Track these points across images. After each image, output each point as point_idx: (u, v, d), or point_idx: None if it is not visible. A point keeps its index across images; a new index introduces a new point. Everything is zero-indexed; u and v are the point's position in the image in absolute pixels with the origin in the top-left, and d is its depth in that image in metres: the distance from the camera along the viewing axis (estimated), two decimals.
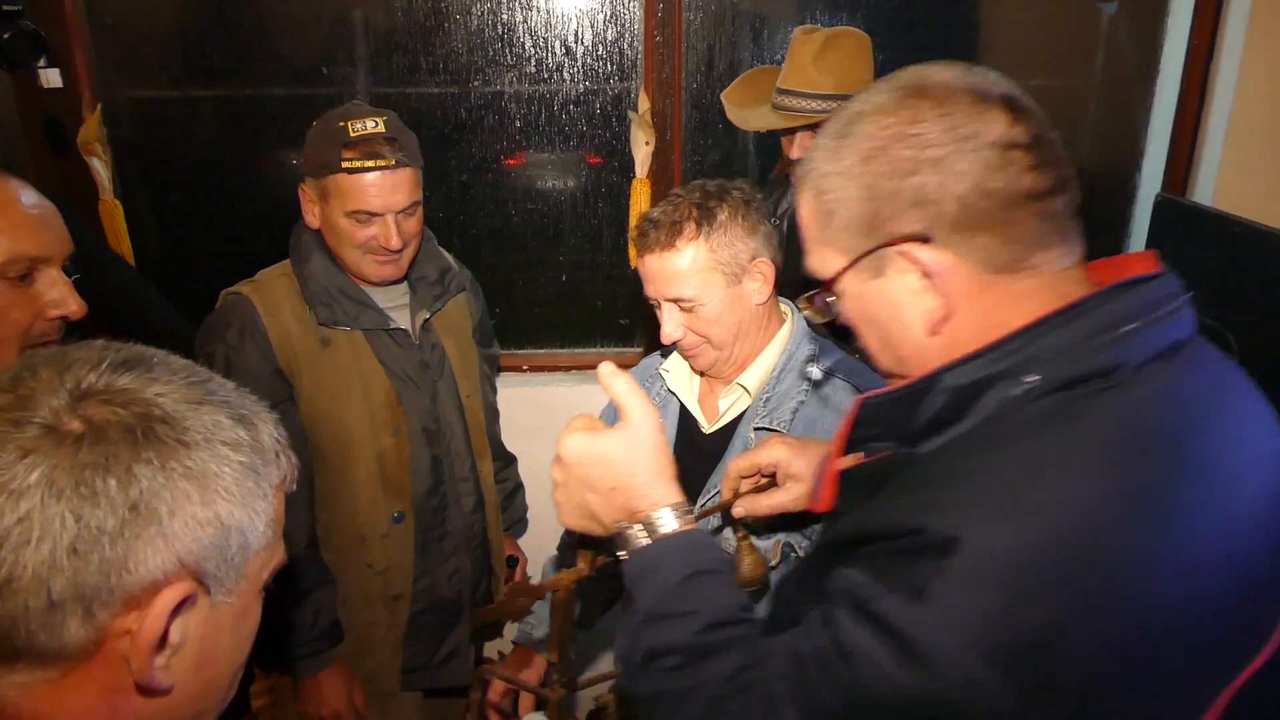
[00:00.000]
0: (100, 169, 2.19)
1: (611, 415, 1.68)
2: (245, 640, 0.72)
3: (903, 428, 0.85)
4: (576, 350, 2.57)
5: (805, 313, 0.94)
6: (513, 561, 2.10)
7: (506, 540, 2.09)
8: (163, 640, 0.63)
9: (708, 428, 1.58)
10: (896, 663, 0.70)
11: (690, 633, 0.86)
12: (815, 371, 1.52)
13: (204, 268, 2.00)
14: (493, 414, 2.12)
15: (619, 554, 0.94)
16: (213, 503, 0.64)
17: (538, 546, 2.30)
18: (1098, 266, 0.85)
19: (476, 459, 1.90)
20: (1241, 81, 2.21)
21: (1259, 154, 2.27)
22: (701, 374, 1.58)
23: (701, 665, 0.85)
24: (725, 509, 1.31)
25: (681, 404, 1.61)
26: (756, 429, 1.49)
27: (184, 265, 2.46)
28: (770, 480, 1.28)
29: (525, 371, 2.48)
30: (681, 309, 1.47)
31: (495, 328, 2.20)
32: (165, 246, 2.49)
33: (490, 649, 2.62)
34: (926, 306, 0.81)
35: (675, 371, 1.62)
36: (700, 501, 1.49)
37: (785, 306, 1.58)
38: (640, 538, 0.92)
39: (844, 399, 1.50)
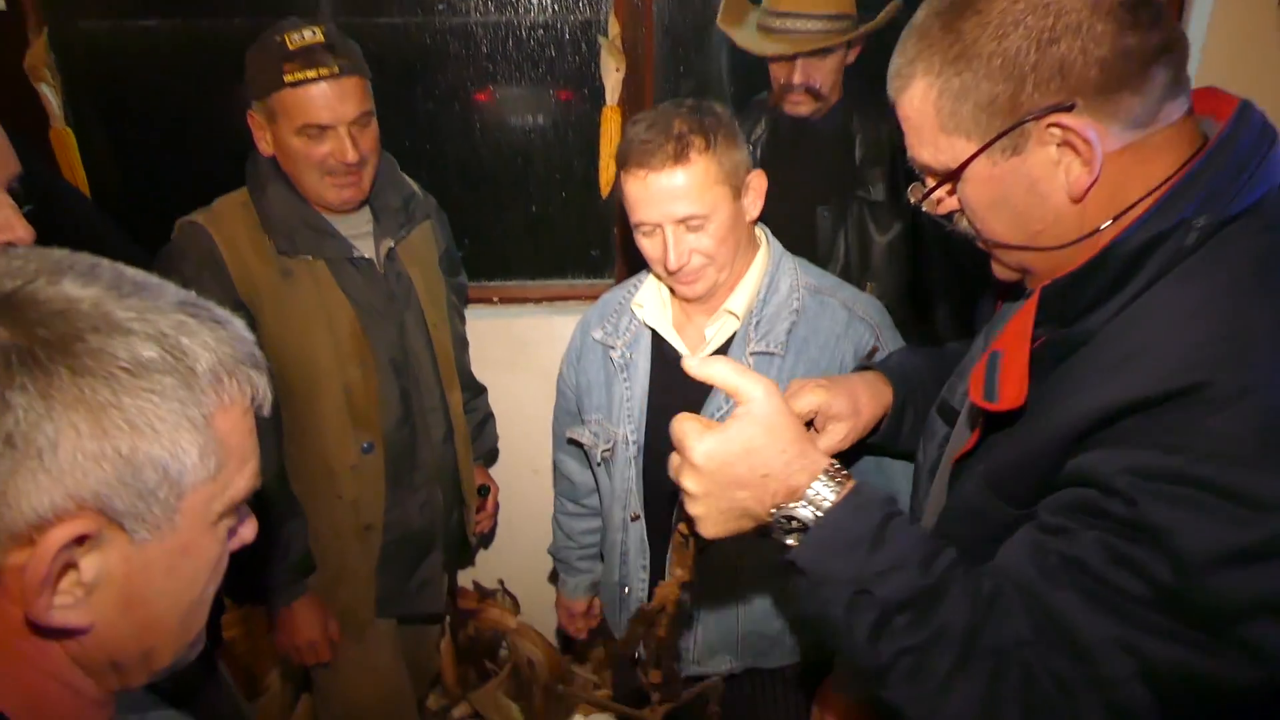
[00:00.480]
0: (50, 95, 2.11)
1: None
2: (194, 577, 0.67)
3: (1072, 308, 0.86)
4: (547, 282, 2.54)
5: (924, 207, 0.94)
6: (484, 491, 2.11)
7: (477, 470, 2.10)
8: (65, 577, 0.59)
9: (693, 357, 1.56)
10: (1236, 521, 0.70)
11: (911, 583, 0.81)
12: (803, 290, 1.51)
13: (162, 199, 1.95)
14: (461, 344, 2.11)
15: (786, 539, 0.88)
16: (108, 435, 0.58)
17: (508, 477, 2.32)
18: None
19: (445, 390, 1.90)
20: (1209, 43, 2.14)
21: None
22: (687, 301, 1.53)
23: (937, 608, 0.81)
24: None
25: (653, 337, 1.60)
26: (754, 354, 1.48)
27: (141, 197, 2.39)
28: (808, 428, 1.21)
29: (495, 304, 2.46)
30: (689, 228, 1.40)
31: (465, 261, 2.17)
32: (121, 177, 2.41)
33: (464, 578, 2.66)
34: (1070, 175, 0.83)
35: (649, 304, 1.59)
36: None
37: (758, 229, 1.56)
38: (809, 513, 0.86)
39: (835, 314, 1.49)
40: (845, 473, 0.88)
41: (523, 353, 2.41)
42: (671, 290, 1.55)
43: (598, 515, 1.87)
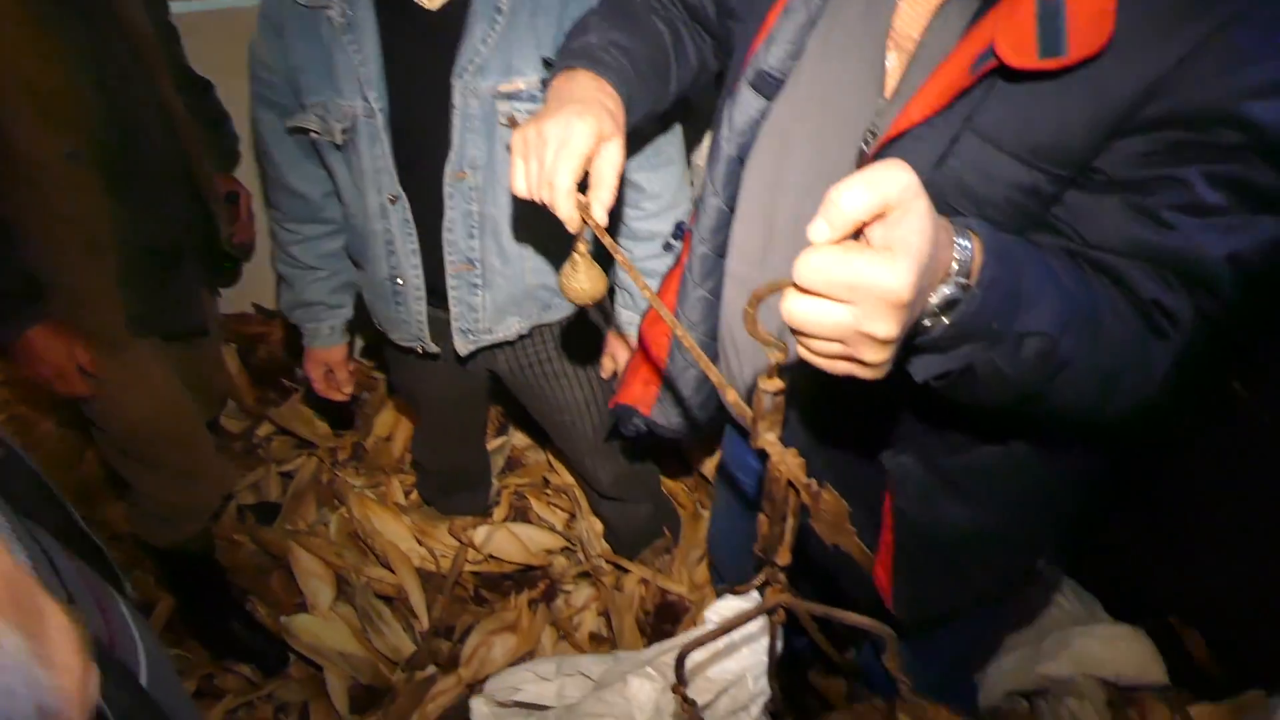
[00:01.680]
0: None
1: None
2: None
3: None
4: None
5: None
6: (232, 198, 1.94)
7: (219, 176, 1.91)
8: None
9: (432, 2, 1.39)
10: None
11: (1061, 304, 0.77)
12: None
13: None
14: (170, 34, 1.82)
15: (928, 321, 0.73)
16: None
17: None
18: None
19: (156, 83, 1.65)
20: None
21: None
22: None
23: (1088, 313, 0.78)
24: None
25: None
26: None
27: None
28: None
29: None
30: None
31: None
32: None
33: (242, 299, 2.55)
34: None
35: None
36: None
37: None
38: (957, 285, 0.71)
39: None
40: (956, 220, 0.74)
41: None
42: None
43: (340, 230, 1.72)
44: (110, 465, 1.96)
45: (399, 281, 1.62)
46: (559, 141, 0.96)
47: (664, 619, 2.15)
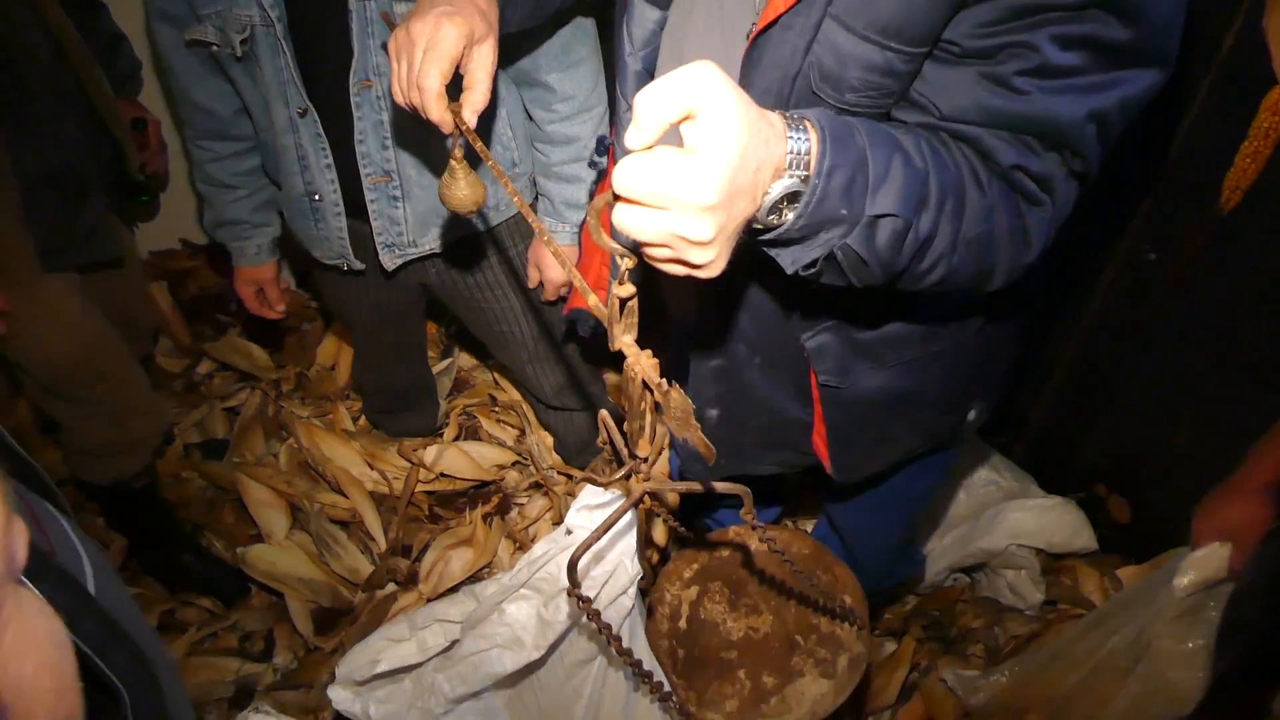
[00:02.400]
0: None
1: None
2: None
3: None
4: None
5: None
6: (139, 124, 1.86)
7: (123, 102, 1.82)
8: None
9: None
10: None
11: (912, 184, 0.77)
12: None
13: None
14: None
15: (772, 218, 0.75)
16: None
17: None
18: None
19: (42, 4, 1.56)
20: None
21: None
22: None
23: (941, 189, 0.79)
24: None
25: None
26: None
27: None
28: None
29: None
30: None
31: None
32: None
33: (157, 234, 2.47)
34: None
35: None
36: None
37: None
38: (795, 179, 0.73)
39: None
40: (792, 114, 0.75)
41: None
42: None
43: (255, 146, 1.66)
44: (41, 407, 1.92)
45: (316, 197, 1.58)
46: (426, 42, 0.94)
47: None
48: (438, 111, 0.96)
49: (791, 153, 0.72)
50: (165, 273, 2.65)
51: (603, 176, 1.33)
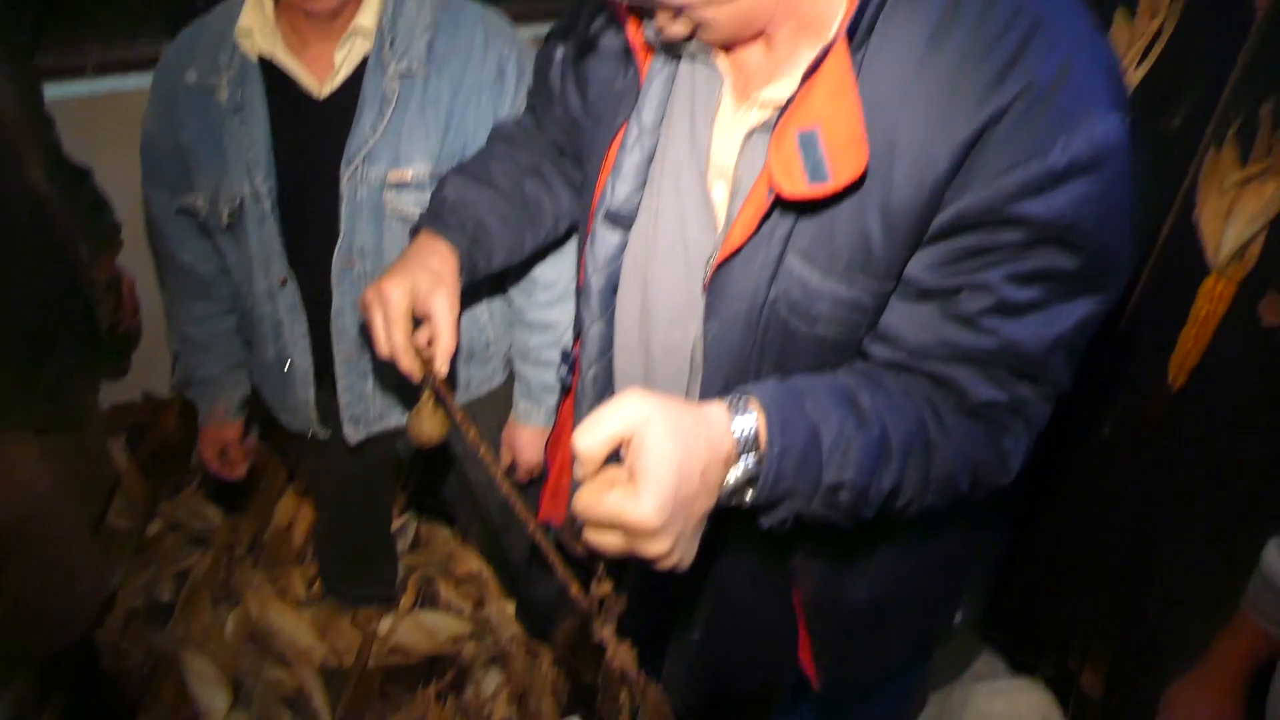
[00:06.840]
0: None
1: None
2: None
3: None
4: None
5: None
6: (113, 283, 1.86)
7: (101, 261, 1.84)
8: None
9: (320, 91, 1.40)
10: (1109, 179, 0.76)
11: (867, 447, 0.80)
12: (430, 1, 1.39)
13: None
14: (44, 123, 1.76)
15: (735, 499, 0.79)
16: None
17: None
18: None
19: (23, 170, 1.59)
20: None
21: None
22: (311, 17, 1.33)
23: (896, 446, 0.82)
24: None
25: (265, 71, 1.39)
26: (401, 76, 1.36)
27: None
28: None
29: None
30: None
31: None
32: None
33: (120, 386, 2.42)
34: None
35: (258, 29, 1.36)
36: None
37: None
38: (750, 460, 0.77)
39: (472, 27, 1.40)
40: (737, 396, 0.79)
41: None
42: (277, 6, 1.36)
43: (234, 308, 1.68)
44: None
45: (287, 366, 1.58)
46: (381, 304, 1.05)
47: (579, 699, 2.09)
48: (406, 363, 1.07)
49: (739, 439, 0.76)
50: (126, 426, 2.59)
51: (567, 393, 1.34)
